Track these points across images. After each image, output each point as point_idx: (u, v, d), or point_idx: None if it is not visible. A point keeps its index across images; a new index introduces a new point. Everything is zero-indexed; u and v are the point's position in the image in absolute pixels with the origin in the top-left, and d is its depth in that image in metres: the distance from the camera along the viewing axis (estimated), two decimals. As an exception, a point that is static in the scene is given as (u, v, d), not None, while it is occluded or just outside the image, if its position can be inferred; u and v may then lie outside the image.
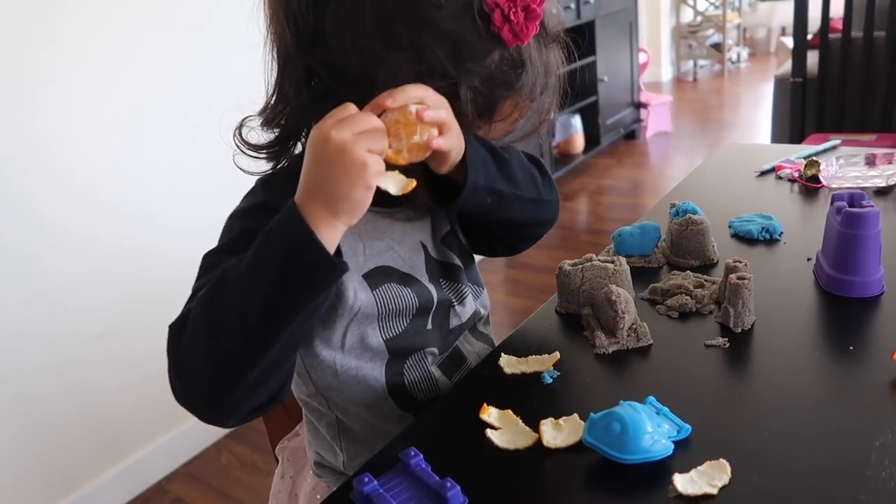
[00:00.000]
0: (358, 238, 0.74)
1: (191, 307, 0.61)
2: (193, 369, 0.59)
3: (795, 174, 1.24)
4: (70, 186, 1.61)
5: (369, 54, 0.64)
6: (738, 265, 0.83)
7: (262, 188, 0.72)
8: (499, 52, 0.66)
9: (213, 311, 0.59)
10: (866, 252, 0.83)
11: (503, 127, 0.73)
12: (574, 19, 3.54)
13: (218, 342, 0.58)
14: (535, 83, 0.70)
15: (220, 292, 0.59)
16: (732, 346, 0.77)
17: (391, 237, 0.77)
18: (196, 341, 0.59)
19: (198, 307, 0.60)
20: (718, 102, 5.25)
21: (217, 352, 0.58)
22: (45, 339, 1.61)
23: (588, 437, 0.62)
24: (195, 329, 0.59)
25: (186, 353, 0.59)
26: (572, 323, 0.86)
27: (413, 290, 0.77)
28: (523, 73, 0.68)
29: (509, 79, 0.67)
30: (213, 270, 0.63)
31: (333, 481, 0.84)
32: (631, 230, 0.99)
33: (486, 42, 0.65)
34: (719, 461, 0.59)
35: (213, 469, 1.91)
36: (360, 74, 0.65)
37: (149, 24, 1.72)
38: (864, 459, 0.58)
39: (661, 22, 5.79)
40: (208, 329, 0.58)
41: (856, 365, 0.73)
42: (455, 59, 0.64)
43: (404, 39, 0.63)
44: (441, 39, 0.63)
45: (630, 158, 4.10)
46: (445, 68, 0.64)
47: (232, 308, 0.58)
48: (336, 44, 0.65)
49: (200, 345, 0.58)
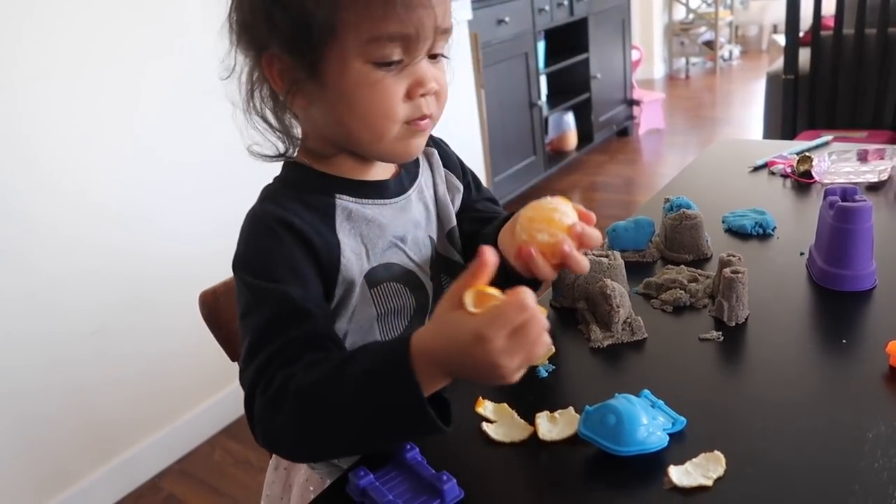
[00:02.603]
0: (361, 242, 0.73)
1: (282, 386, 0.60)
2: (283, 444, 0.63)
3: (788, 170, 1.24)
4: (60, 185, 1.60)
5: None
6: (731, 259, 0.83)
7: (262, 205, 0.72)
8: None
9: (310, 420, 0.59)
10: (858, 246, 0.83)
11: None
12: (567, 16, 3.54)
13: (313, 437, 0.60)
14: None
15: (314, 401, 0.59)
16: (726, 339, 0.78)
17: (399, 234, 0.76)
18: (288, 427, 0.60)
19: (297, 400, 0.59)
20: (711, 99, 5.26)
21: (311, 441, 0.61)
22: (37, 336, 1.60)
23: (583, 430, 0.62)
24: (288, 418, 0.60)
25: (277, 430, 0.61)
26: (567, 317, 0.86)
27: (410, 290, 0.76)
28: None
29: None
30: (267, 300, 0.65)
31: (327, 473, 0.84)
32: (625, 225, 0.99)
33: None
34: (714, 453, 0.60)
35: (206, 466, 1.91)
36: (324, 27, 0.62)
37: (141, 21, 1.71)
38: (858, 451, 0.59)
39: (653, 19, 5.80)
40: (306, 426, 0.60)
41: (849, 358, 0.73)
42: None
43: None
44: None
45: (623, 155, 4.11)
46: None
47: (328, 429, 0.59)
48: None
49: (294, 431, 0.60)
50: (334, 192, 0.73)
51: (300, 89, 0.67)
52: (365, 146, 0.71)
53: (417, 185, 0.80)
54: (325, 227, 0.70)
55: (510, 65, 3.17)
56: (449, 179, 0.85)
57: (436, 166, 0.85)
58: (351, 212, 0.73)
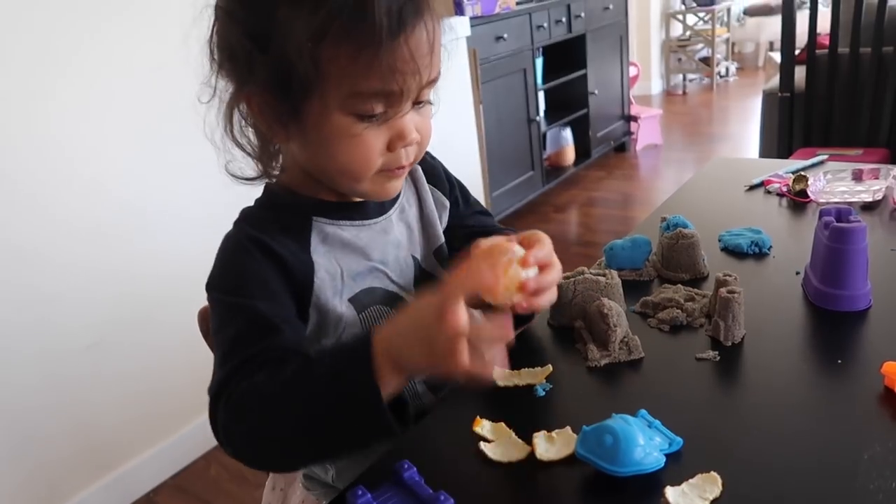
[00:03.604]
0: (336, 264, 0.73)
1: (244, 392, 0.61)
2: (251, 451, 0.63)
3: (784, 188, 1.25)
4: (57, 201, 1.60)
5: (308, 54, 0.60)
6: (728, 279, 0.84)
7: (238, 226, 0.73)
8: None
9: (274, 418, 0.60)
10: (854, 266, 0.84)
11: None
12: (565, 33, 3.57)
13: (276, 441, 0.61)
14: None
15: (276, 406, 0.60)
16: (723, 359, 0.78)
17: (380, 256, 0.76)
18: (250, 431, 0.61)
19: (259, 402, 0.60)
20: (707, 116, 5.30)
21: (275, 445, 0.62)
22: (32, 350, 1.60)
23: (581, 450, 0.62)
24: (249, 421, 0.61)
25: (238, 436, 0.62)
26: (564, 336, 0.87)
27: (396, 312, 0.76)
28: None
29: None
30: (237, 316, 0.65)
31: (322, 494, 0.84)
32: (622, 244, 1.00)
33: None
34: (710, 474, 0.60)
35: (201, 481, 1.90)
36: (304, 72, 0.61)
37: (135, 37, 1.71)
38: (853, 472, 0.59)
39: (651, 36, 5.85)
40: (267, 428, 0.61)
41: (844, 378, 0.74)
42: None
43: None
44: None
45: (620, 171, 4.13)
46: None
47: (292, 425, 0.60)
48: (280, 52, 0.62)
49: (253, 436, 0.61)
50: (311, 215, 0.73)
51: (281, 126, 0.66)
52: (342, 187, 0.71)
53: (399, 204, 0.80)
54: (299, 247, 0.71)
55: (508, 81, 3.19)
56: (435, 196, 0.85)
57: (420, 183, 0.84)
58: (327, 234, 0.73)
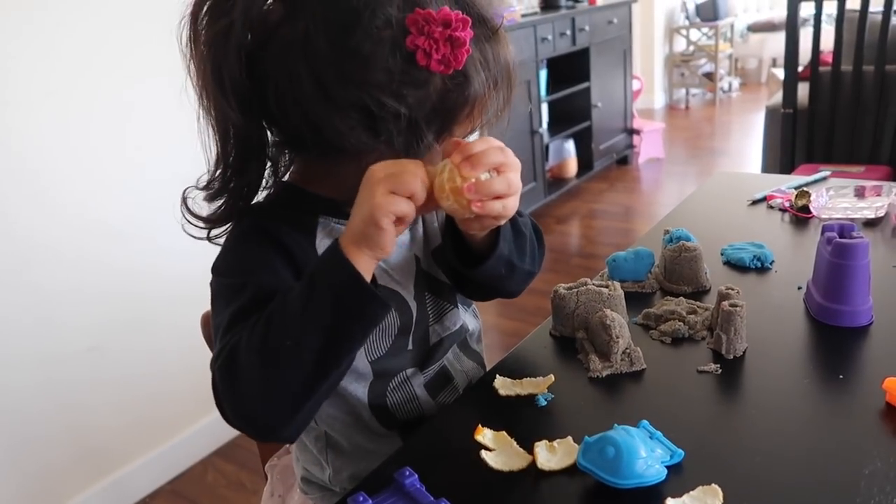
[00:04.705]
0: None
1: (235, 345, 0.62)
2: (252, 405, 0.62)
3: (786, 204, 1.26)
4: (58, 201, 1.61)
5: (315, 118, 0.63)
6: (730, 292, 0.84)
7: (246, 219, 0.73)
8: (438, 77, 0.63)
9: (269, 350, 0.61)
10: (856, 282, 0.84)
11: (462, 132, 0.71)
12: (569, 46, 3.59)
13: (276, 379, 0.61)
14: (486, 83, 0.66)
15: (272, 333, 0.61)
16: (724, 372, 0.78)
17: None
18: (251, 378, 0.61)
19: (249, 348, 0.61)
20: (710, 130, 5.31)
21: (275, 387, 0.62)
22: (31, 355, 1.60)
23: (582, 461, 0.62)
24: (250, 368, 0.61)
25: (243, 391, 0.62)
26: (566, 346, 0.87)
27: (394, 309, 0.76)
28: (470, 83, 0.65)
29: (459, 93, 0.65)
30: (241, 293, 0.65)
31: (320, 497, 0.84)
32: (625, 255, 1.00)
33: (423, 73, 0.62)
34: (711, 486, 0.60)
35: (198, 487, 1.89)
36: (311, 132, 0.64)
37: (140, 37, 1.71)
38: (854, 487, 0.59)
39: (654, 50, 5.87)
40: (265, 367, 0.61)
41: (845, 393, 0.74)
42: (398, 100, 0.62)
43: (344, 101, 0.62)
44: (379, 91, 0.61)
45: (622, 183, 4.14)
46: (394, 110, 0.62)
47: (288, 348, 0.60)
48: (280, 111, 0.65)
49: (256, 382, 0.61)
50: (318, 213, 0.74)
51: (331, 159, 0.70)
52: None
53: None
54: (305, 241, 0.72)
55: (512, 92, 3.20)
56: None
57: None
58: (333, 231, 0.74)
